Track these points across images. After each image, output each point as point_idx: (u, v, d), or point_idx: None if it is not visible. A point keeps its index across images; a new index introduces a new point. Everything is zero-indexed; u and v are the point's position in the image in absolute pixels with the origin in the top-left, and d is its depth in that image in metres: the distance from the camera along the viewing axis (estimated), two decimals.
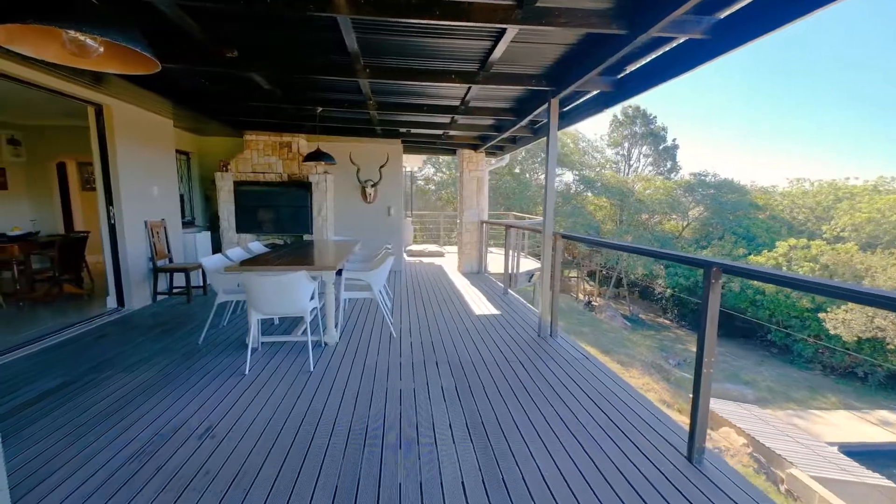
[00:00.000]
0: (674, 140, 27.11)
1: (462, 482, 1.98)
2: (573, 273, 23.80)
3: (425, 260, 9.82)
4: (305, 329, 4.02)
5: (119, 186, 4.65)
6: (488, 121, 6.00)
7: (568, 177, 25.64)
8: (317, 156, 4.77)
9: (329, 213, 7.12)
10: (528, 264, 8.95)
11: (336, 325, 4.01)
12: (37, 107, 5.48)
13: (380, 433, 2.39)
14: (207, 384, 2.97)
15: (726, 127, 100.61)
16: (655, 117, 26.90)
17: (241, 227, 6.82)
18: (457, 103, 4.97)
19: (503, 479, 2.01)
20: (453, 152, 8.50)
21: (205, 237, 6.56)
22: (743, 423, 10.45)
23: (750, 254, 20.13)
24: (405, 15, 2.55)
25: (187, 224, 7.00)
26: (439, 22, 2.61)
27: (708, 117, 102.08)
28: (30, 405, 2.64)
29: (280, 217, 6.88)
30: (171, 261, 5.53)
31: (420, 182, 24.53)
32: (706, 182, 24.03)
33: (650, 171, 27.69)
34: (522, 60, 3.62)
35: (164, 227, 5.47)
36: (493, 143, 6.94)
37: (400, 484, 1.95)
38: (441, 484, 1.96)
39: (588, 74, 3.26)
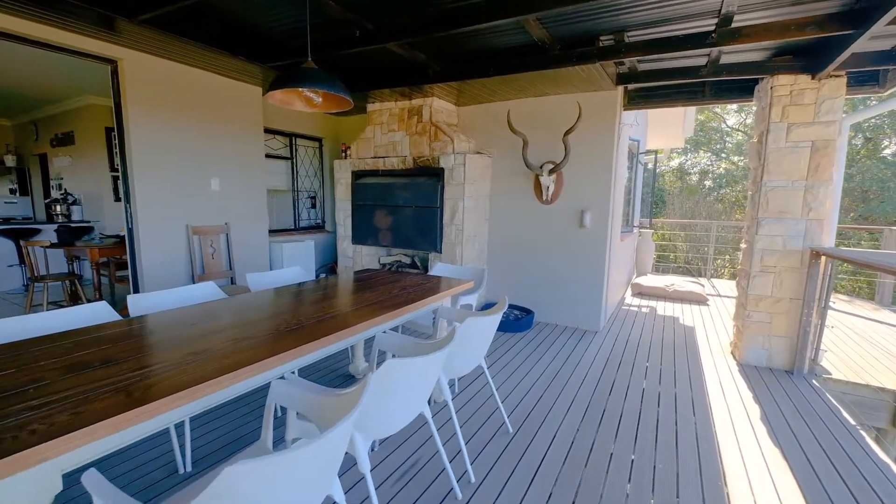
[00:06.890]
0: None
1: None
2: None
3: (662, 309, 5.39)
4: None
5: (133, 175, 3.29)
6: None
7: None
8: (286, 80, 1.91)
9: (467, 220, 4.22)
10: None
11: None
12: None
13: None
14: None
15: None
16: None
17: (357, 235, 4.84)
18: None
19: None
20: (750, 92, 3.94)
21: (304, 247, 4.90)
22: None
23: None
24: None
25: (315, 228, 5.61)
26: None
27: None
28: None
29: (399, 223, 4.49)
30: (232, 280, 4.01)
31: (693, 176, 17.71)
32: None
33: None
34: None
35: (227, 234, 3.98)
36: (872, 31, 2.24)
37: None
38: None
39: None
